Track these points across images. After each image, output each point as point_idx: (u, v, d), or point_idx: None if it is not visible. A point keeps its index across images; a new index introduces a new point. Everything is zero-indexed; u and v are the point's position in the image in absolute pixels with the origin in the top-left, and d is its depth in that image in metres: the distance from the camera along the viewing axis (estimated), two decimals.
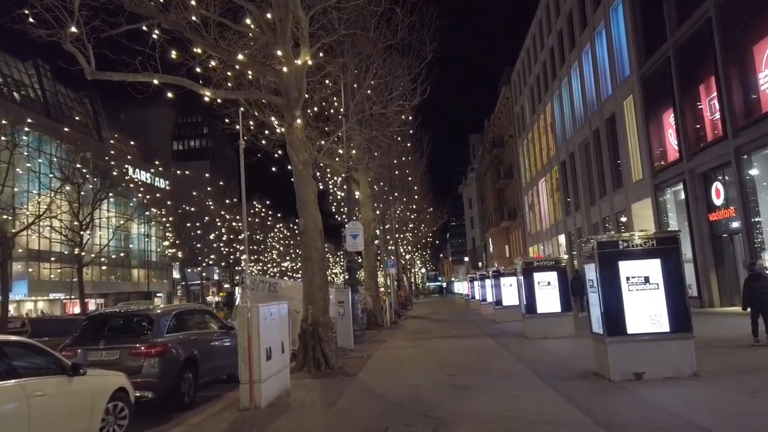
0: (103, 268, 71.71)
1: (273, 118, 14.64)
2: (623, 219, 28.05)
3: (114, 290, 69.59)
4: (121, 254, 64.59)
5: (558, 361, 10.14)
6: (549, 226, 44.08)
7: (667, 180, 22.57)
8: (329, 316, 11.88)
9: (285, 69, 11.10)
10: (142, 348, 8.07)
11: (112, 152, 31.42)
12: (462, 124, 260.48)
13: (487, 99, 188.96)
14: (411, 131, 32.68)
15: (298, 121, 12.08)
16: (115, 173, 30.22)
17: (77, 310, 63.46)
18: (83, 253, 28.55)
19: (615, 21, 27.37)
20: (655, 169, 23.43)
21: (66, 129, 32.99)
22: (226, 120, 21.65)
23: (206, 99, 11.70)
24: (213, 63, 12.69)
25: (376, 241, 26.93)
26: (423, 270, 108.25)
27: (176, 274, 73.52)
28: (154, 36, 10.89)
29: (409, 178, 40.88)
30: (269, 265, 61.79)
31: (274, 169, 23.96)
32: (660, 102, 22.91)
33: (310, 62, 11.65)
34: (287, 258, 65.25)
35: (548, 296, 14.18)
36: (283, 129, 12.95)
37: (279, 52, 10.65)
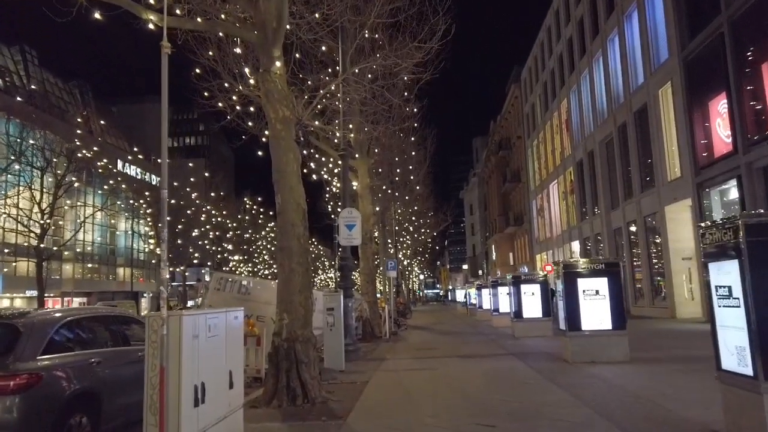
0: (89, 265, 68.51)
1: (247, 70, 11.55)
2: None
3: (97, 289, 66.28)
4: (88, 248, 60.85)
5: (643, 406, 6.97)
6: (560, 232, 41.02)
7: (715, 177, 19.48)
8: (312, 329, 8.73)
9: None
10: None
11: (78, 131, 28.15)
12: (465, 130, 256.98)
13: (492, 102, 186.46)
14: (415, 125, 29.91)
15: (278, 63, 8.98)
16: (80, 155, 27.04)
17: (57, 308, 60.28)
18: (42, 245, 25.23)
19: (649, 0, 24.39)
20: (700, 164, 20.34)
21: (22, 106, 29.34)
22: (206, 93, 18.59)
23: (151, 26, 8.56)
24: None
25: (375, 238, 23.82)
26: (421, 276, 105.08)
27: (166, 275, 70.13)
28: None
29: (411, 177, 37.99)
30: (260, 266, 58.46)
31: (260, 153, 20.97)
32: (707, 88, 19.86)
33: None
34: None
35: (597, 309, 11.03)
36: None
37: None
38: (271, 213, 57.23)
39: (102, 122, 59.90)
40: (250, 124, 20.93)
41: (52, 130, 35.37)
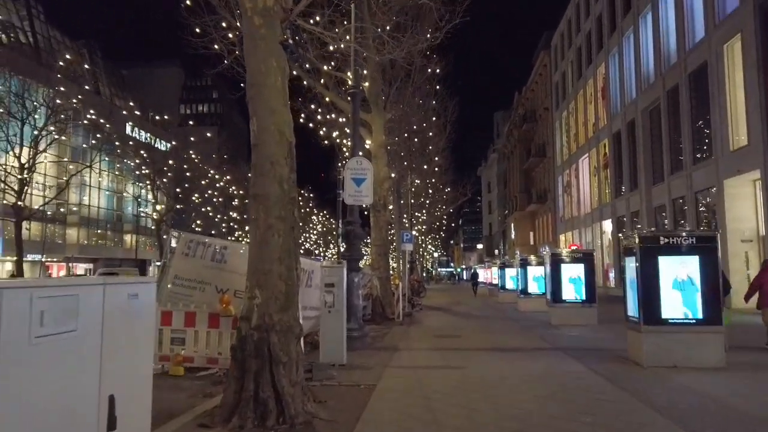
0: (98, 231, 66.90)
1: None
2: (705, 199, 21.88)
3: (103, 255, 64.71)
4: (93, 213, 58.54)
5: None
6: (589, 210, 37.99)
7: None
8: (297, 313, 6.06)
9: None
10: None
11: (61, 88, 25.29)
12: (485, 105, 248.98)
13: (516, 75, 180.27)
14: (437, 86, 27.10)
15: None
16: (63, 115, 24.30)
17: (62, 273, 58.51)
18: (21, 203, 22.74)
19: None
20: None
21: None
22: (197, 30, 15.91)
23: None
24: None
25: (390, 208, 21.12)
26: (435, 254, 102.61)
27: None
28: None
29: (430, 147, 35.23)
30: None
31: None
32: None
33: None
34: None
35: (684, 295, 8.28)
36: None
37: None
38: None
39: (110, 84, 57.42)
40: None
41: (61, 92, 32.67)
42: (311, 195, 68.27)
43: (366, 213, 19.16)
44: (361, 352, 9.91)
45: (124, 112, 43.30)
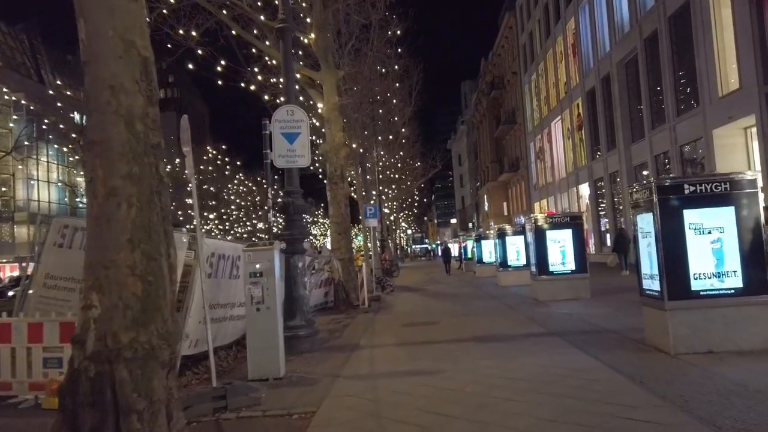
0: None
1: None
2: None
3: None
4: (44, 209, 55.28)
5: None
6: (564, 175, 36.35)
7: None
8: (168, 327, 3.82)
9: None
10: None
11: None
12: (452, 76, 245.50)
13: (482, 42, 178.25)
14: (398, 49, 24.77)
15: None
16: None
17: (15, 273, 54.82)
18: None
19: None
20: None
21: None
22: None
23: None
24: None
25: (349, 178, 18.90)
26: (409, 231, 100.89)
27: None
28: None
29: (396, 118, 33.02)
30: (236, 226, 53.11)
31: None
32: None
33: None
34: (254, 217, 56.33)
35: (719, 260, 6.36)
36: None
37: None
38: (238, 163, 50.93)
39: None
40: (181, 32, 15.96)
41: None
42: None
43: (320, 179, 16.97)
44: (308, 357, 7.77)
45: (51, 92, 40.20)
